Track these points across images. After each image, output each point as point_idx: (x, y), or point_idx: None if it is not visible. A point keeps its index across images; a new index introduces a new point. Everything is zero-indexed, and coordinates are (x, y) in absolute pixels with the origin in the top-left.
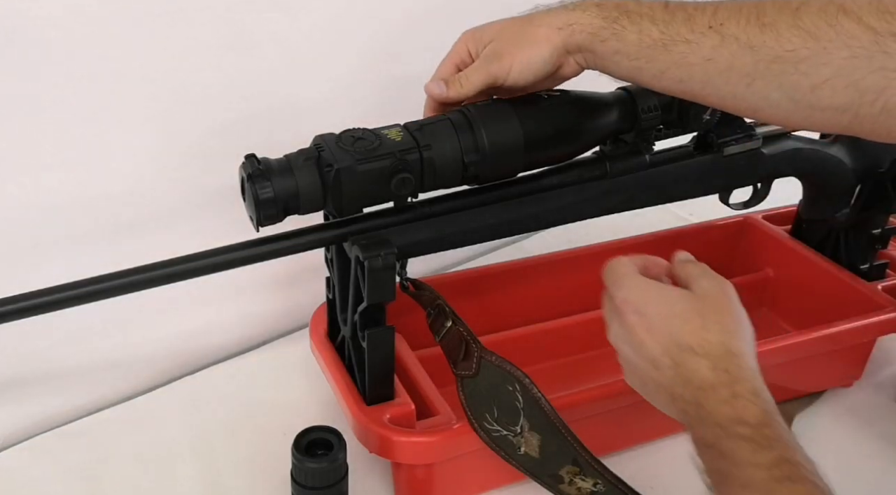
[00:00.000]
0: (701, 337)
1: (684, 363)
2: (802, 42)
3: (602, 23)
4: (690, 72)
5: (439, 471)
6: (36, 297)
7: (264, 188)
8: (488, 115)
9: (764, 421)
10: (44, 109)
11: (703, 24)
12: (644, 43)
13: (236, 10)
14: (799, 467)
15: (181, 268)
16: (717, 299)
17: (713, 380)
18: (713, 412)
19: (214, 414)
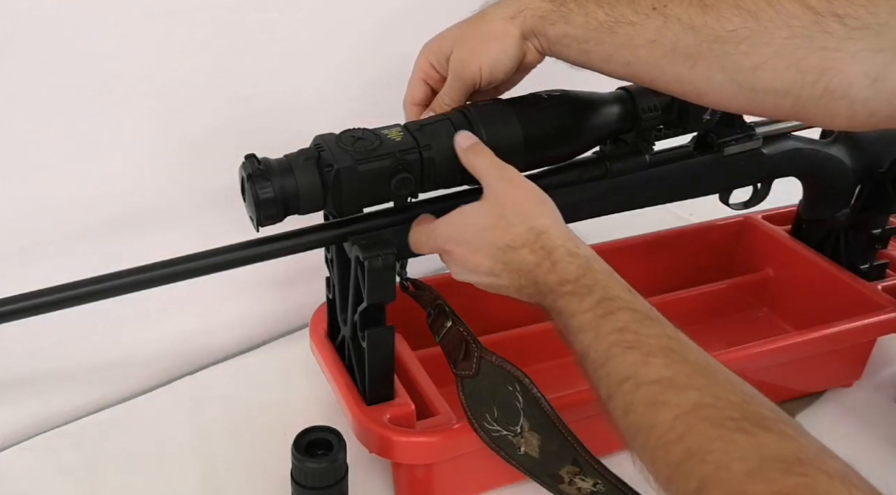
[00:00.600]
0: (510, 233)
1: (511, 261)
2: (743, 22)
3: (550, 6)
4: (636, 54)
5: (439, 471)
6: (36, 297)
7: (264, 188)
8: (488, 116)
9: (581, 274)
10: (42, 108)
11: (647, 5)
12: (590, 25)
13: (235, 9)
14: (616, 300)
15: (181, 268)
16: (506, 195)
17: (536, 260)
18: (546, 283)
19: (214, 414)
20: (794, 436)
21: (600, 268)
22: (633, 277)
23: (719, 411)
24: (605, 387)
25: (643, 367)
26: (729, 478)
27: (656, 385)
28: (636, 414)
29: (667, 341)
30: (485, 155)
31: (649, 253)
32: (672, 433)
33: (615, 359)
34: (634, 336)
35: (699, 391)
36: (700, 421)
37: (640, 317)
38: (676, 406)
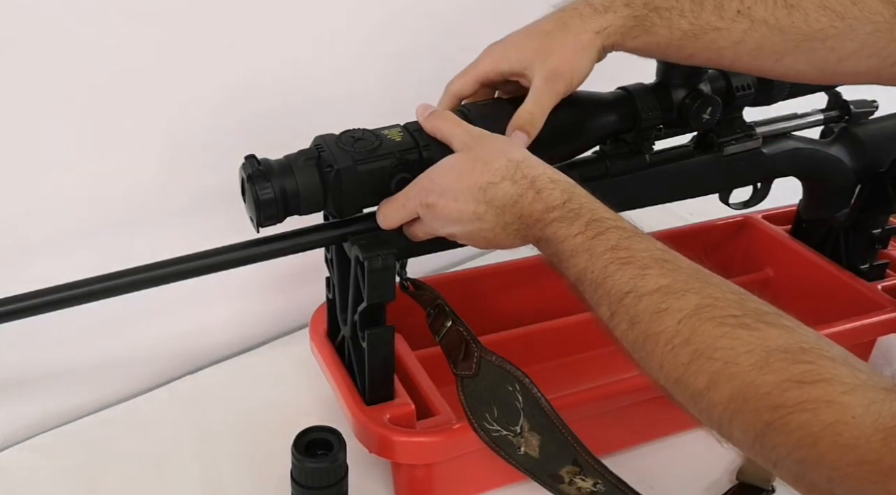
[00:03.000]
0: (489, 171)
1: (494, 197)
2: (829, 21)
3: (633, 22)
4: (720, 54)
5: (439, 471)
6: (36, 297)
7: (264, 189)
8: (489, 115)
9: (566, 199)
10: (42, 108)
11: (733, 9)
12: (674, 36)
13: (238, 9)
14: (603, 221)
15: (181, 268)
16: (478, 142)
17: (519, 190)
18: (531, 213)
19: (214, 414)
20: (793, 328)
21: (581, 192)
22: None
23: (720, 310)
24: (606, 305)
25: (641, 280)
26: (738, 372)
27: (656, 293)
28: (642, 323)
29: (658, 253)
30: (447, 117)
31: None
32: (678, 337)
33: (613, 277)
34: (627, 252)
35: (698, 293)
36: (704, 322)
37: (628, 234)
38: (679, 311)
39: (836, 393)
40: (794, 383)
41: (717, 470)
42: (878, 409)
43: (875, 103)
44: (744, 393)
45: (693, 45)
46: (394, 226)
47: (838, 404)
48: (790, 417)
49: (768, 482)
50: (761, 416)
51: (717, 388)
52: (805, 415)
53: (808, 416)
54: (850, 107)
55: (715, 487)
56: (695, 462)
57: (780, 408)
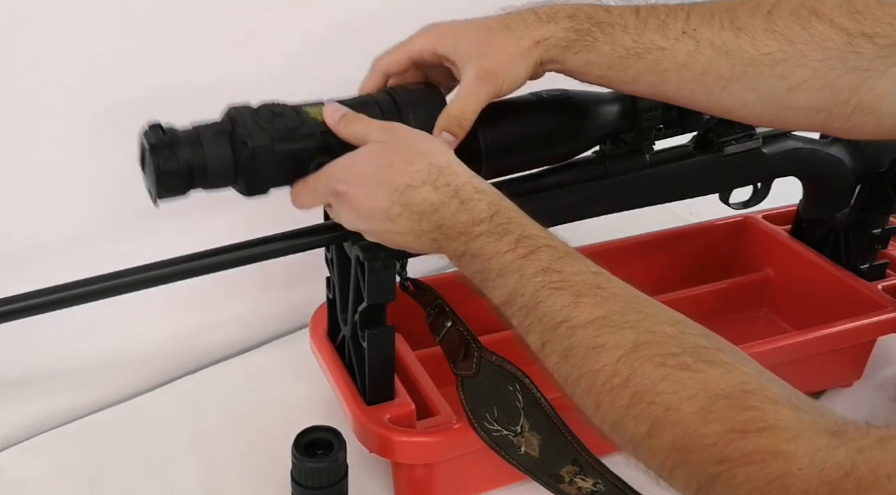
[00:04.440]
0: (409, 170)
1: (411, 201)
2: (778, 45)
3: (574, 35)
4: (665, 77)
5: (439, 471)
6: (36, 297)
7: (168, 160)
8: (419, 102)
9: (494, 212)
10: (47, 108)
11: (677, 29)
12: (616, 53)
13: (232, 12)
14: (534, 238)
15: (181, 268)
16: (397, 138)
17: (440, 198)
18: (454, 225)
19: (214, 413)
20: (735, 365)
21: (509, 204)
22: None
23: (659, 347)
24: (537, 333)
25: (575, 309)
26: (680, 419)
27: (591, 326)
28: (577, 358)
29: (592, 278)
30: (359, 120)
31: (649, 253)
32: (617, 377)
33: (545, 303)
34: (559, 275)
35: (634, 328)
36: (643, 361)
37: (560, 254)
38: (616, 347)
39: (781, 441)
40: (738, 433)
41: None
42: (824, 459)
43: None
44: (687, 443)
45: (636, 66)
46: (305, 208)
47: (784, 455)
48: (736, 470)
49: None
50: (706, 469)
51: (658, 436)
52: (751, 469)
53: (755, 470)
54: None
55: None
56: None
57: (725, 461)
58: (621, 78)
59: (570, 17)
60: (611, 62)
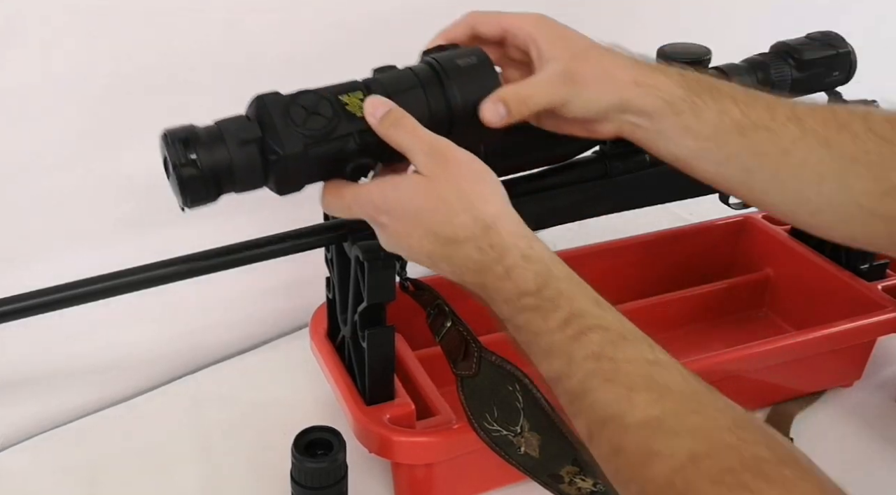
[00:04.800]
0: (453, 223)
1: (453, 254)
2: (877, 146)
3: (683, 93)
4: (761, 162)
5: (439, 471)
6: (36, 297)
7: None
8: (465, 72)
9: (542, 284)
10: (47, 108)
11: (784, 114)
12: (722, 123)
13: (235, 9)
14: (585, 317)
15: (181, 268)
16: (445, 173)
17: (484, 260)
18: (498, 290)
19: (214, 414)
20: (794, 482)
21: (560, 272)
22: (632, 277)
23: (717, 461)
24: (584, 421)
25: (627, 404)
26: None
27: (645, 428)
28: (627, 459)
29: (647, 368)
30: (405, 127)
31: (649, 253)
32: (671, 490)
33: (594, 393)
34: (612, 364)
35: (692, 435)
36: (699, 477)
37: (613, 337)
38: (671, 456)
39: None
40: None
41: None
42: None
43: (875, 103)
44: None
45: (737, 143)
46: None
47: None
48: None
49: None
50: None
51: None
52: None
53: None
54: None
55: None
56: None
57: None
58: (715, 155)
59: (681, 75)
60: (712, 133)
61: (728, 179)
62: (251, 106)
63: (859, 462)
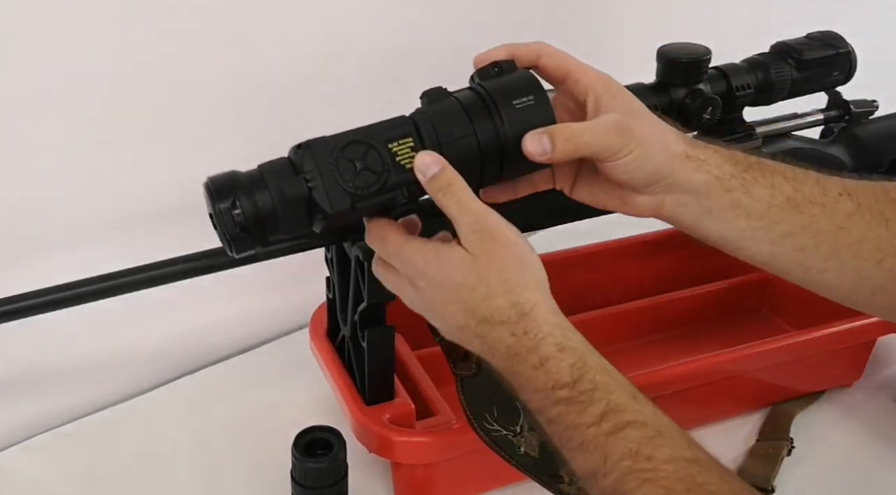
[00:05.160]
0: (490, 305)
1: (486, 334)
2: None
3: (732, 169)
4: (818, 240)
5: (439, 471)
6: (36, 297)
7: (237, 226)
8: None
9: (578, 377)
10: (47, 108)
11: (835, 189)
12: (775, 200)
13: (236, 7)
14: (622, 412)
15: (181, 268)
16: (489, 253)
17: (517, 347)
18: (530, 379)
19: (214, 414)
20: None
21: (596, 364)
22: (633, 277)
23: None
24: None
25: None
26: None
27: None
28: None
29: (685, 468)
30: (454, 195)
31: (649, 253)
32: None
33: (632, 494)
34: (649, 463)
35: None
36: None
37: (651, 433)
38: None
39: None
40: None
41: None
42: None
43: (875, 103)
44: None
45: (790, 222)
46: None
47: None
48: None
49: (768, 482)
50: None
51: None
52: None
53: None
54: (850, 106)
55: None
56: None
57: None
58: (766, 235)
59: (729, 150)
60: (764, 211)
61: (782, 260)
62: (298, 153)
63: (859, 462)
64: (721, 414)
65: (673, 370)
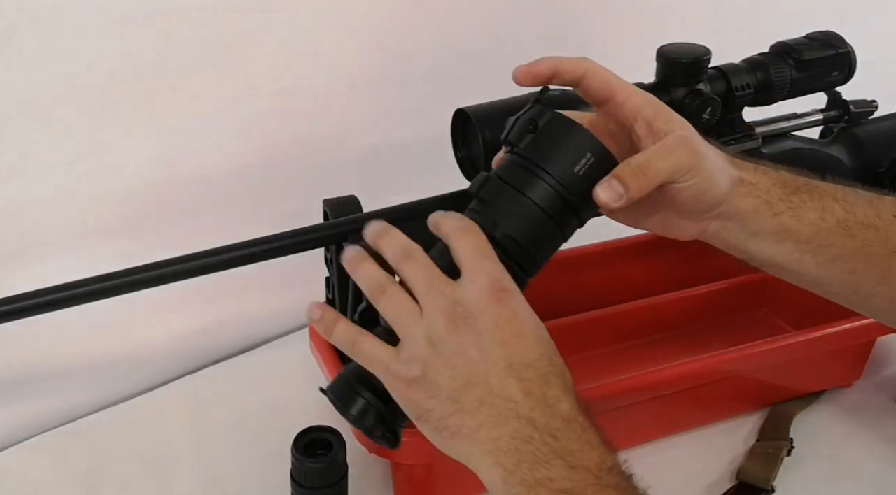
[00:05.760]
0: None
1: (552, 383)
2: None
3: (781, 192)
4: (870, 263)
5: (439, 471)
6: (36, 297)
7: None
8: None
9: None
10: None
11: (889, 211)
12: (825, 223)
13: (237, 9)
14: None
15: (181, 268)
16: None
17: (579, 417)
18: (575, 451)
19: (214, 414)
20: None
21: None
22: (633, 277)
23: None
24: None
25: None
26: None
27: None
28: None
29: None
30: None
31: (649, 253)
32: None
33: None
34: None
35: None
36: None
37: None
38: None
39: None
40: None
41: (717, 470)
42: None
43: (875, 103)
44: None
45: (841, 245)
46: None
47: None
48: None
49: (768, 482)
50: None
51: None
52: None
53: None
54: (849, 107)
55: (715, 487)
56: (695, 462)
57: None
58: (815, 259)
59: (777, 173)
60: (814, 235)
61: (830, 283)
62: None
63: (860, 462)
64: (721, 414)
65: (673, 370)
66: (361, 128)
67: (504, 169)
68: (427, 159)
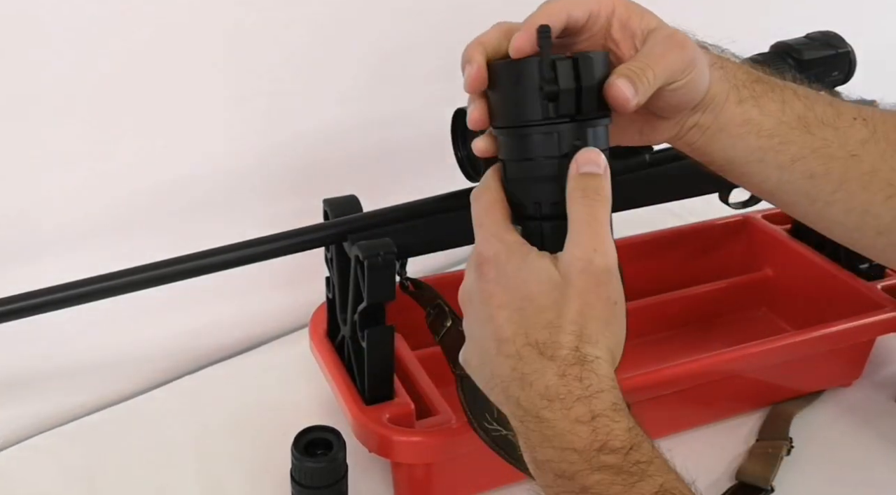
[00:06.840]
0: (550, 335)
1: (526, 360)
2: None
3: (746, 77)
4: (828, 166)
5: (439, 471)
6: (36, 297)
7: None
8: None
9: (633, 444)
10: (48, 107)
11: (849, 114)
12: (785, 116)
13: (239, 8)
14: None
15: (181, 268)
16: (583, 292)
17: (561, 391)
18: (562, 433)
19: (214, 414)
20: None
21: (646, 435)
22: (633, 277)
23: None
24: None
25: None
26: None
27: None
28: None
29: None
30: (595, 208)
31: (649, 253)
32: None
33: None
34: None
35: None
36: None
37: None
38: None
39: None
40: None
41: (717, 470)
42: None
43: (875, 103)
44: None
45: (801, 143)
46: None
47: None
48: None
49: (768, 481)
50: None
51: None
52: None
53: None
54: None
55: (715, 487)
56: (695, 462)
57: None
58: (775, 158)
59: (743, 62)
60: (775, 129)
61: (789, 189)
62: None
63: (859, 462)
64: (721, 413)
65: (673, 370)
66: (361, 128)
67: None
68: (427, 159)
